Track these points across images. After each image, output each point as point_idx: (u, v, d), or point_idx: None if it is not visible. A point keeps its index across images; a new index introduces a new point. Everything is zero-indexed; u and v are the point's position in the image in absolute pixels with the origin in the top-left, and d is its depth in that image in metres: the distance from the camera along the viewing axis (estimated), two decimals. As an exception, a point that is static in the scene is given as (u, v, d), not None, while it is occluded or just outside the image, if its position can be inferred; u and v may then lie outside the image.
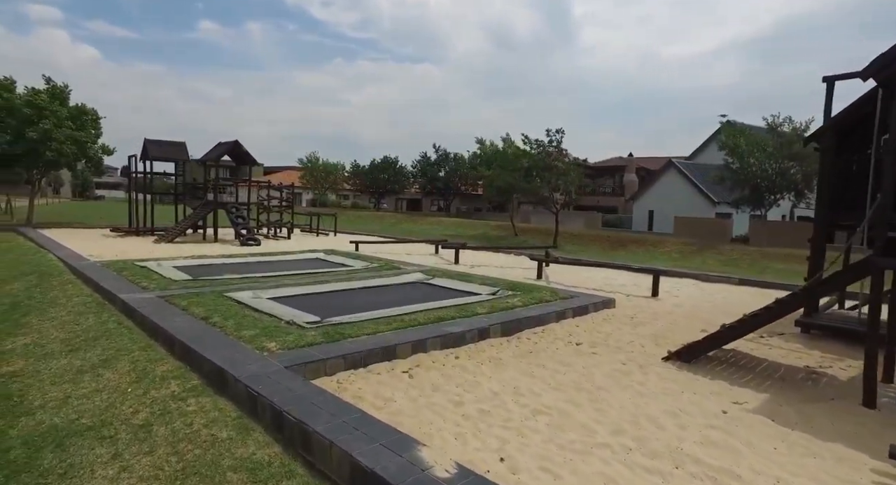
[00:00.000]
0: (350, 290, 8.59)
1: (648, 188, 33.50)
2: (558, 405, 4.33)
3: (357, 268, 11.04)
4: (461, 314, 6.70)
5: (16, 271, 10.16)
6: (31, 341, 5.94)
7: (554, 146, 22.62)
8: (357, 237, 20.67)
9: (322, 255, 13.21)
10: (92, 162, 20.84)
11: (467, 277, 10.10)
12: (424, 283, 9.61)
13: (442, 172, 41.58)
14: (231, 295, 7.41)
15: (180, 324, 5.82)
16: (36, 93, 18.62)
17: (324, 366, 4.75)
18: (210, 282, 8.54)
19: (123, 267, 9.76)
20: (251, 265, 11.05)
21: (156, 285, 8.05)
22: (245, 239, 15.98)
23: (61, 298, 7.77)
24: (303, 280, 9.09)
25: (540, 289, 8.78)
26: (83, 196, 73.60)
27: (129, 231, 18.72)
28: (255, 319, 6.06)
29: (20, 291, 8.54)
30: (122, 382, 4.59)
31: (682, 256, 19.63)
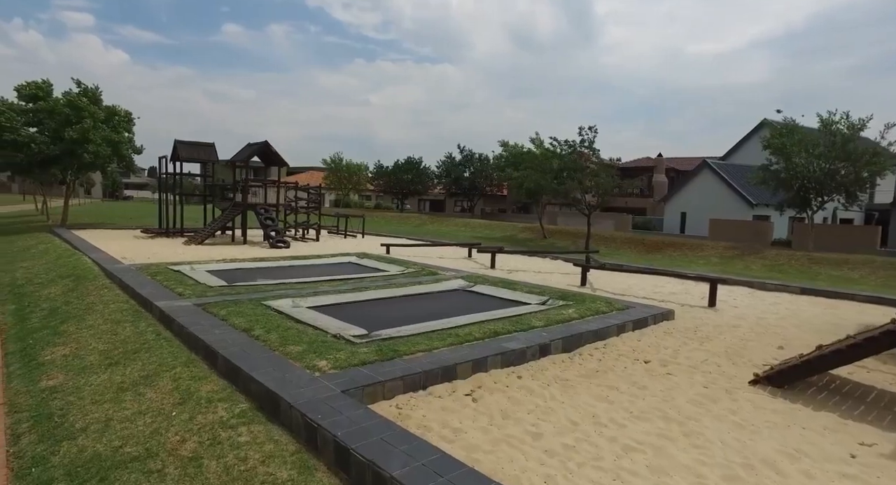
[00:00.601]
0: (391, 298, 8.18)
1: (681, 189, 32.44)
2: (649, 440, 3.81)
3: (393, 273, 10.64)
4: (517, 328, 6.21)
5: (53, 274, 10.05)
6: (70, 352, 5.68)
7: (586, 146, 21.93)
8: (386, 239, 20.35)
9: (355, 258, 12.87)
10: (124, 162, 20.99)
11: (511, 284, 9.60)
12: (467, 290, 9.15)
13: (467, 172, 41.08)
14: (269, 303, 7.07)
15: (221, 337, 5.47)
16: (76, 94, 18.83)
17: (382, 389, 4.33)
18: (246, 288, 8.23)
19: (157, 271, 9.55)
20: (285, 270, 10.75)
21: (191, 292, 7.77)
22: (275, 241, 15.76)
23: (98, 304, 7.54)
24: (340, 287, 8.72)
25: (594, 299, 8.22)
26: (113, 197, 75.46)
27: (159, 232, 18.75)
28: (300, 332, 5.67)
29: (57, 296, 8.37)
30: (166, 403, 4.23)
31: (722, 261, 18.76)
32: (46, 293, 8.65)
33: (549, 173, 22.42)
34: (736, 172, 29.30)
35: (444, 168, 42.10)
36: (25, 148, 18.08)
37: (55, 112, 18.18)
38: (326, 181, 45.10)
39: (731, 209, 27.99)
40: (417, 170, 42.98)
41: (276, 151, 17.29)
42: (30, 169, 19.77)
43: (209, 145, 19.21)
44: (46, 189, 29.52)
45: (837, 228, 25.78)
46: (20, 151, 18.23)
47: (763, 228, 24.19)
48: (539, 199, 26.74)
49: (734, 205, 28.20)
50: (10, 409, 4.54)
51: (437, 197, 50.79)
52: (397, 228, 31.63)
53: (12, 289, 9.42)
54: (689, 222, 30.99)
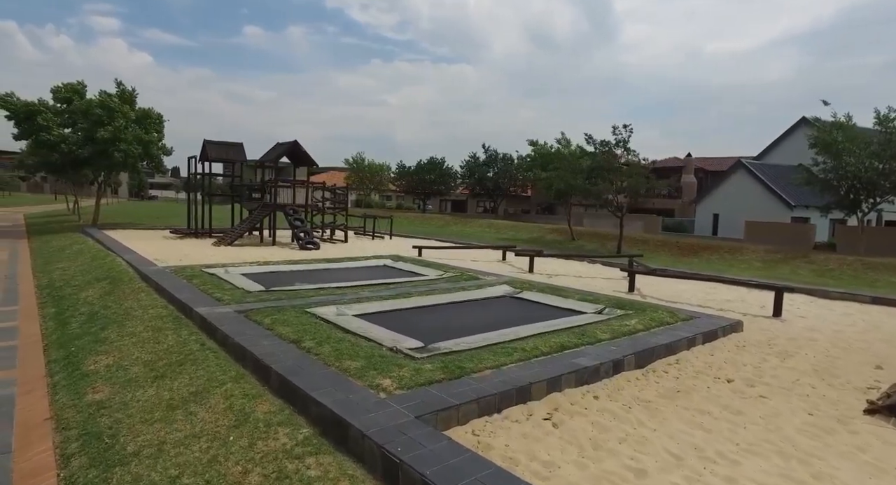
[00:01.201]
0: (438, 306, 7.77)
1: (713, 190, 31.40)
2: (774, 483, 3.31)
3: (432, 277, 10.24)
4: (583, 341, 5.73)
5: (89, 276, 9.91)
6: (114, 362, 5.40)
7: (621, 145, 21.24)
8: (416, 241, 19.99)
9: (389, 261, 12.51)
10: (154, 162, 21.07)
11: (558, 290, 9.11)
12: (515, 297, 8.69)
13: (490, 172, 40.53)
14: (313, 311, 6.72)
15: (270, 349, 5.12)
16: (109, 95, 18.94)
17: (456, 413, 3.90)
18: (286, 294, 7.91)
19: (192, 274, 9.32)
20: (321, 273, 10.43)
21: (230, 297, 7.48)
22: (304, 243, 15.52)
23: (136, 309, 7.30)
24: (382, 293, 8.35)
25: (655, 308, 7.68)
26: (138, 196, 76.91)
27: (188, 233, 18.72)
28: (353, 344, 5.29)
29: (95, 300, 8.17)
30: (221, 425, 3.88)
31: (765, 266, 17.90)
32: (84, 296, 8.47)
33: (581, 173, 21.79)
34: (773, 173, 28.20)
35: (467, 168, 41.60)
36: (59, 148, 18.22)
37: (89, 113, 18.29)
38: (348, 181, 45.05)
39: (767, 211, 26.93)
40: (440, 170, 42.59)
41: (305, 151, 17.07)
42: (63, 169, 19.96)
43: (237, 145, 19.11)
44: (77, 189, 29.96)
45: (887, 230, 24.55)
46: (55, 150, 18.38)
47: (805, 230, 23.15)
48: (567, 200, 26.09)
49: (771, 206, 27.12)
50: (58, 424, 4.25)
51: (458, 197, 50.34)
52: (421, 228, 31.27)
53: (51, 291, 9.28)
54: (722, 224, 29.95)
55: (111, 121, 18.40)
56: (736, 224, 28.20)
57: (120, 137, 18.38)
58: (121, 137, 18.42)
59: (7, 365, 5.79)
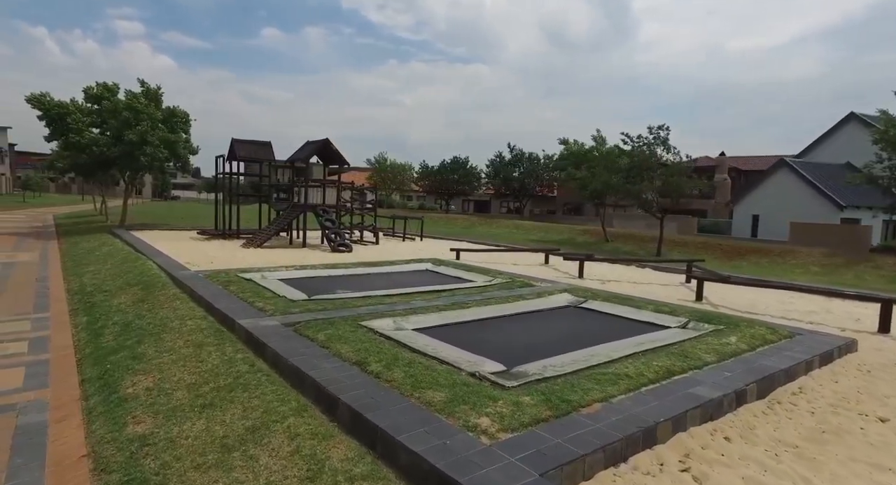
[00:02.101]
0: (501, 318, 7.01)
1: (752, 190, 29.98)
2: None
3: (481, 284, 9.48)
4: (689, 364, 4.91)
5: (120, 281, 9.40)
6: (154, 384, 4.76)
7: (660, 143, 20.21)
8: (448, 243, 19.28)
9: (431, 265, 11.79)
10: (180, 162, 20.77)
11: (628, 300, 8.26)
12: (580, 307, 7.88)
13: (516, 172, 39.60)
14: (369, 324, 6.02)
15: (333, 373, 4.43)
16: (134, 96, 18.67)
17: (582, 466, 3.13)
18: (332, 303, 7.23)
19: (228, 280, 8.72)
20: (362, 279, 9.77)
21: (273, 307, 6.83)
22: (336, 245, 14.91)
23: (173, 319, 6.70)
24: (435, 302, 7.62)
25: (750, 323, 6.79)
26: (161, 197, 77.84)
27: (215, 234, 18.30)
28: (426, 368, 4.56)
29: (128, 307, 7.61)
30: (290, 476, 3.17)
31: (824, 270, 16.72)
32: (116, 304, 7.93)
33: (620, 172, 20.82)
34: (820, 171, 26.75)
35: (492, 168, 40.73)
36: (89, 149, 17.99)
37: (117, 112, 18.02)
38: (370, 181, 44.60)
39: (814, 212, 25.52)
40: (464, 170, 41.81)
41: (337, 150, 16.49)
42: (92, 170, 19.76)
43: (266, 144, 18.65)
44: (104, 190, 30.00)
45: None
46: (84, 152, 18.16)
47: (860, 232, 21.77)
48: (602, 200, 25.10)
49: (818, 207, 25.69)
50: (95, 465, 3.61)
51: (481, 197, 49.51)
52: (446, 229, 30.55)
53: (82, 297, 8.79)
54: (763, 225, 28.56)
55: (138, 123, 18.11)
56: (778, 225, 26.82)
57: (146, 139, 18.06)
58: (147, 139, 18.10)
59: (39, 384, 5.21)
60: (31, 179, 51.61)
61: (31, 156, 75.87)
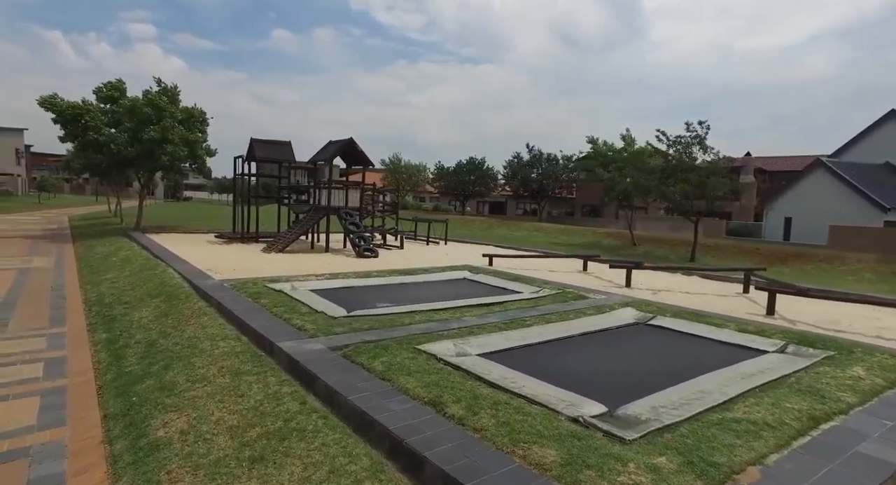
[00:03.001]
0: (568, 339, 6.21)
1: (785, 192, 28.83)
2: None
3: (529, 296, 8.67)
4: (832, 408, 4.08)
5: (140, 291, 8.73)
6: (189, 426, 4.02)
7: (697, 142, 19.26)
8: (474, 247, 18.52)
9: (468, 274, 11.01)
10: (197, 163, 20.18)
11: (699, 316, 7.41)
12: (651, 325, 7.06)
13: (534, 173, 38.69)
14: (427, 348, 5.26)
15: (406, 417, 3.66)
16: (157, 94, 18.11)
17: None
18: (377, 321, 6.48)
19: (257, 291, 8.00)
20: (400, 290, 9.02)
21: (314, 326, 6.09)
22: (362, 250, 14.18)
23: (202, 339, 5.98)
24: (489, 318, 6.84)
25: (869, 350, 5.92)
26: (174, 198, 77.94)
27: (233, 237, 17.67)
28: (516, 410, 3.78)
29: (151, 323, 6.92)
30: None
31: (879, 278, 15.69)
32: (138, 318, 7.24)
33: (654, 173, 19.89)
34: (860, 172, 25.58)
35: (510, 169, 39.86)
36: (106, 149, 17.46)
37: (135, 111, 17.47)
38: (384, 182, 43.97)
39: (854, 214, 24.37)
40: (481, 171, 40.99)
41: (361, 150, 15.78)
42: (108, 171, 19.22)
43: (286, 144, 17.98)
44: (118, 190, 29.62)
45: None
46: (100, 151, 17.63)
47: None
48: (630, 201, 24.16)
49: (858, 209, 24.53)
50: (121, 546, 2.87)
51: (497, 199, 48.66)
52: (464, 231, 29.75)
53: (100, 309, 8.12)
54: (797, 228, 27.43)
55: (159, 120, 17.54)
56: (814, 229, 25.71)
57: (167, 137, 17.49)
58: (168, 137, 17.53)
59: (55, 419, 4.51)
60: (47, 180, 51.69)
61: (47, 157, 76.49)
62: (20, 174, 57.82)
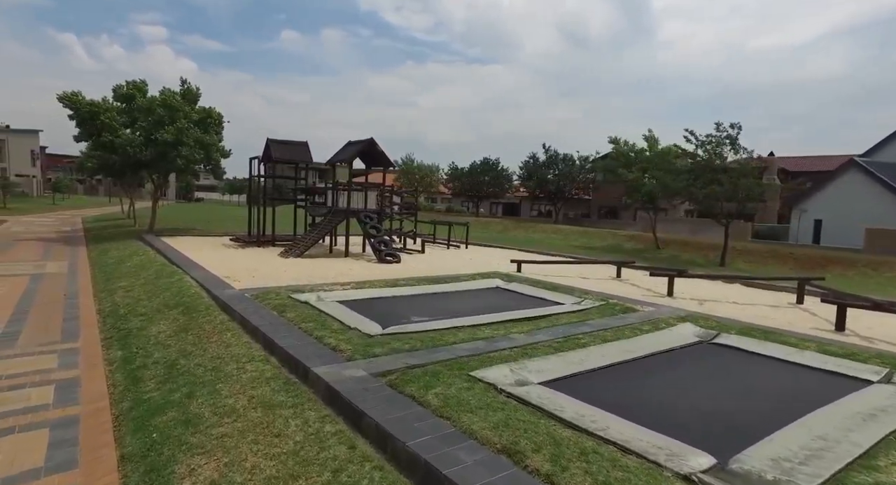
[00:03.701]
0: (633, 362, 5.55)
1: (814, 193, 27.83)
2: None
3: (571, 307, 8.01)
4: (984, 461, 3.39)
5: (157, 301, 8.21)
6: (219, 475, 3.44)
7: (729, 142, 18.47)
8: (497, 252, 17.88)
9: (500, 282, 10.37)
10: (212, 164, 19.74)
11: (770, 334, 6.71)
12: (717, 344, 6.37)
13: (550, 174, 37.90)
14: (481, 376, 4.64)
15: (483, 473, 3.04)
16: (172, 93, 17.72)
17: None
18: (417, 338, 5.87)
19: (281, 303, 7.44)
20: (432, 301, 8.41)
21: (349, 346, 5.50)
22: (384, 255, 13.61)
23: (227, 360, 5.41)
24: (538, 334, 6.21)
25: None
26: (186, 198, 78.07)
27: (249, 241, 17.20)
28: (612, 463, 3.15)
29: (169, 339, 6.37)
30: None
31: (931, 286, 14.80)
32: (155, 333, 6.70)
33: (683, 174, 19.12)
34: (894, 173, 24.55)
35: (526, 170, 39.10)
36: (124, 150, 17.09)
37: (151, 111, 17.08)
38: (396, 183, 43.46)
39: (890, 216, 23.37)
40: (495, 171, 40.28)
41: (382, 151, 15.21)
42: (122, 172, 18.85)
43: (302, 144, 17.48)
44: (130, 192, 29.36)
45: None
46: (115, 152, 17.26)
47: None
48: (655, 203, 23.37)
49: (894, 211, 23.53)
50: None
51: (510, 200, 47.93)
52: (480, 234, 29.08)
53: (115, 322, 7.60)
54: (827, 231, 26.44)
55: (173, 121, 17.13)
56: (846, 231, 24.75)
57: (182, 139, 17.08)
58: (183, 139, 17.11)
59: (66, 459, 3.95)
60: (61, 181, 51.89)
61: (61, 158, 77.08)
62: (35, 175, 58.14)
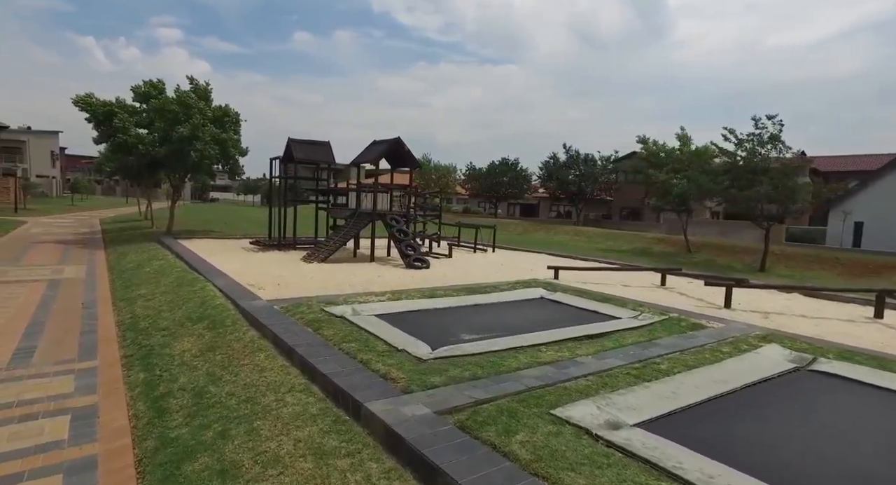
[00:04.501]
0: (732, 394, 4.77)
1: (854, 195, 26.56)
2: None
3: (630, 322, 7.23)
4: None
5: (179, 313, 7.61)
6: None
7: (772, 140, 17.48)
8: (523, 255, 17.12)
9: (543, 292, 9.61)
10: (229, 163, 19.27)
11: (880, 360, 5.87)
12: (818, 372, 5.55)
13: (570, 175, 36.94)
14: (567, 416, 3.92)
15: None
16: (185, 92, 17.28)
17: None
18: (474, 363, 5.16)
19: (315, 318, 6.78)
20: (476, 314, 7.69)
21: (399, 371, 4.82)
22: (412, 260, 12.93)
23: (263, 389, 4.75)
24: (609, 357, 5.46)
25: None
26: (201, 199, 78.34)
27: (269, 244, 16.66)
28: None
29: (196, 360, 5.74)
30: None
31: None
32: (180, 352, 6.08)
33: (721, 174, 18.16)
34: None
35: (546, 170, 38.17)
36: (137, 149, 16.67)
37: (166, 110, 16.64)
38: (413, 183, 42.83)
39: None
40: (514, 172, 39.43)
41: (408, 150, 14.54)
42: (139, 172, 18.45)
43: (324, 144, 16.90)
44: (148, 192, 29.10)
45: None
46: (130, 153, 16.85)
47: None
48: (688, 205, 22.40)
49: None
50: None
51: (527, 201, 47.02)
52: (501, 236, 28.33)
53: (135, 337, 7.01)
54: (869, 234, 25.21)
55: (188, 118, 16.66)
56: (891, 234, 23.52)
57: (197, 134, 16.60)
58: (198, 134, 16.64)
59: (79, 518, 3.30)
60: (80, 182, 52.22)
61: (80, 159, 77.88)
62: (55, 176, 58.65)
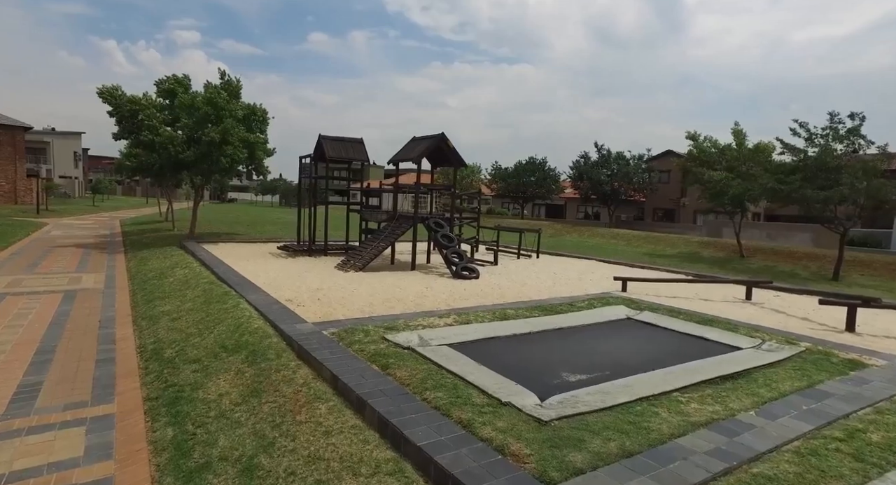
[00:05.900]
0: None
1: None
2: None
3: (757, 354, 5.82)
4: None
5: (210, 339, 6.42)
6: None
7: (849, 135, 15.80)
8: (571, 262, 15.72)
9: (627, 310, 8.22)
10: (255, 164, 18.22)
11: None
12: None
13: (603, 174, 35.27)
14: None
15: None
16: (215, 88, 16.23)
17: None
18: (611, 426, 3.84)
19: (378, 351, 5.53)
20: (559, 341, 6.36)
21: (516, 441, 3.54)
22: (459, 269, 11.64)
23: (334, 464, 3.50)
24: (782, 416, 4.08)
25: None
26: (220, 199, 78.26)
27: (299, 249, 15.54)
28: None
29: (237, 409, 4.51)
30: None
31: None
32: (216, 397, 4.86)
33: (794, 173, 16.52)
34: None
35: (576, 170, 36.57)
36: (162, 149, 15.69)
37: (195, 107, 15.62)
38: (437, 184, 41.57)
39: None
40: (542, 171, 37.91)
41: (453, 147, 13.25)
42: (162, 173, 17.46)
43: (358, 141, 15.70)
44: (169, 193, 28.32)
45: None
46: (154, 151, 15.87)
47: None
48: (743, 207, 20.73)
49: None
50: None
51: (554, 201, 45.41)
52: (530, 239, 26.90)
53: (160, 369, 5.83)
54: (937, 238, 23.15)
55: (219, 120, 15.63)
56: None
57: (227, 139, 15.56)
58: (228, 139, 15.60)
59: None
60: (101, 182, 52.27)
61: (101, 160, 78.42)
62: (77, 177, 58.83)
